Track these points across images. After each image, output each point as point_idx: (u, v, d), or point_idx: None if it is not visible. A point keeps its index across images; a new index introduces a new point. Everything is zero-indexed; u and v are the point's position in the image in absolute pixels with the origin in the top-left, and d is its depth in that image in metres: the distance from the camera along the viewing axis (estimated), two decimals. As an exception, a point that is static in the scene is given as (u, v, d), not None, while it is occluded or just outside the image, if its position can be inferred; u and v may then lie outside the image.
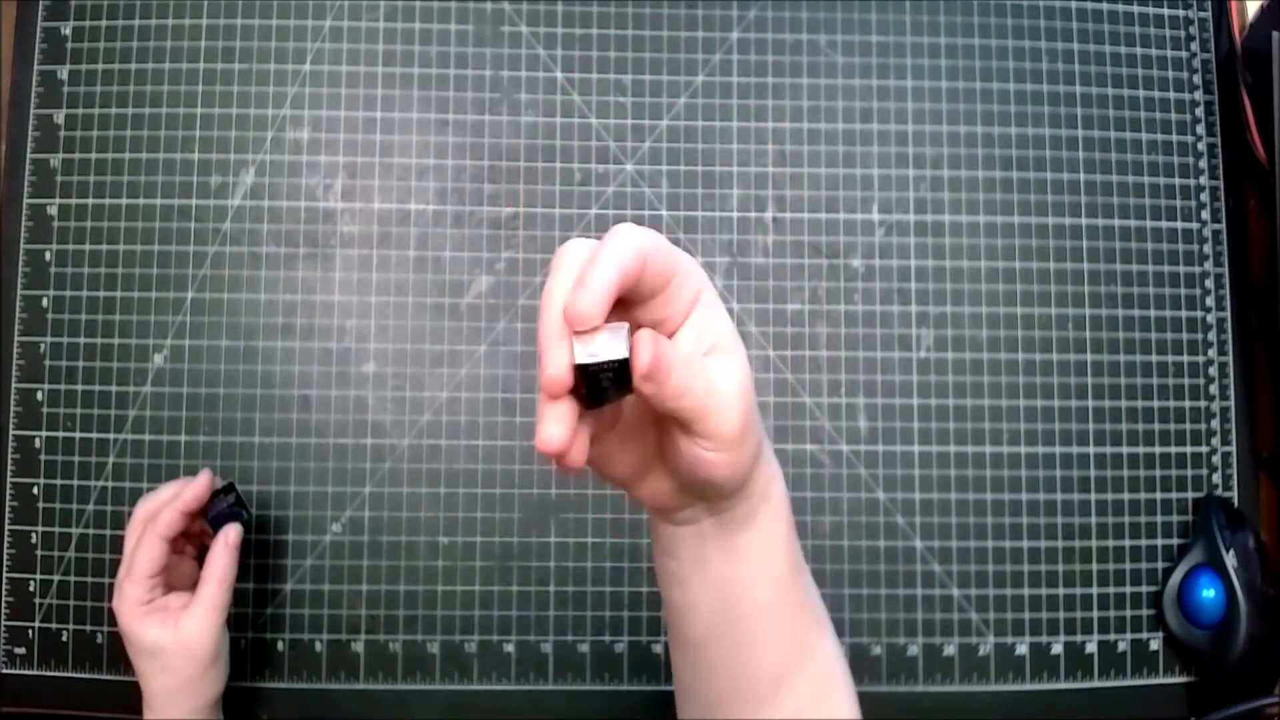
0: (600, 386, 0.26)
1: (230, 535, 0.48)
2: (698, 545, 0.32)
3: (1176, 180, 0.56)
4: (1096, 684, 0.53)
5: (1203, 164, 0.56)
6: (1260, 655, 0.51)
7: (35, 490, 0.53)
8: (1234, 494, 0.55)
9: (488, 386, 0.54)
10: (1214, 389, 0.55)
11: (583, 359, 0.25)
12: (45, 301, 0.54)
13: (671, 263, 0.28)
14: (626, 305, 0.28)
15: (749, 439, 0.29)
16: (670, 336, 0.29)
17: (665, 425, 0.29)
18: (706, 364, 0.28)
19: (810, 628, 0.34)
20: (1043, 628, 0.53)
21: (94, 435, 0.53)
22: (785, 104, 0.56)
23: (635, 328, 0.27)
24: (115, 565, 0.53)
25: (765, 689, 0.33)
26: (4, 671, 0.52)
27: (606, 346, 0.25)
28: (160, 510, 0.47)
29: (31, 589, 0.53)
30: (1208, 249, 0.56)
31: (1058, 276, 0.55)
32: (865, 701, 0.35)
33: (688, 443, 0.28)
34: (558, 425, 0.26)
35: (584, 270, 0.26)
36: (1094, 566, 0.53)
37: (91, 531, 0.53)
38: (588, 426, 0.28)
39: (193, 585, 0.47)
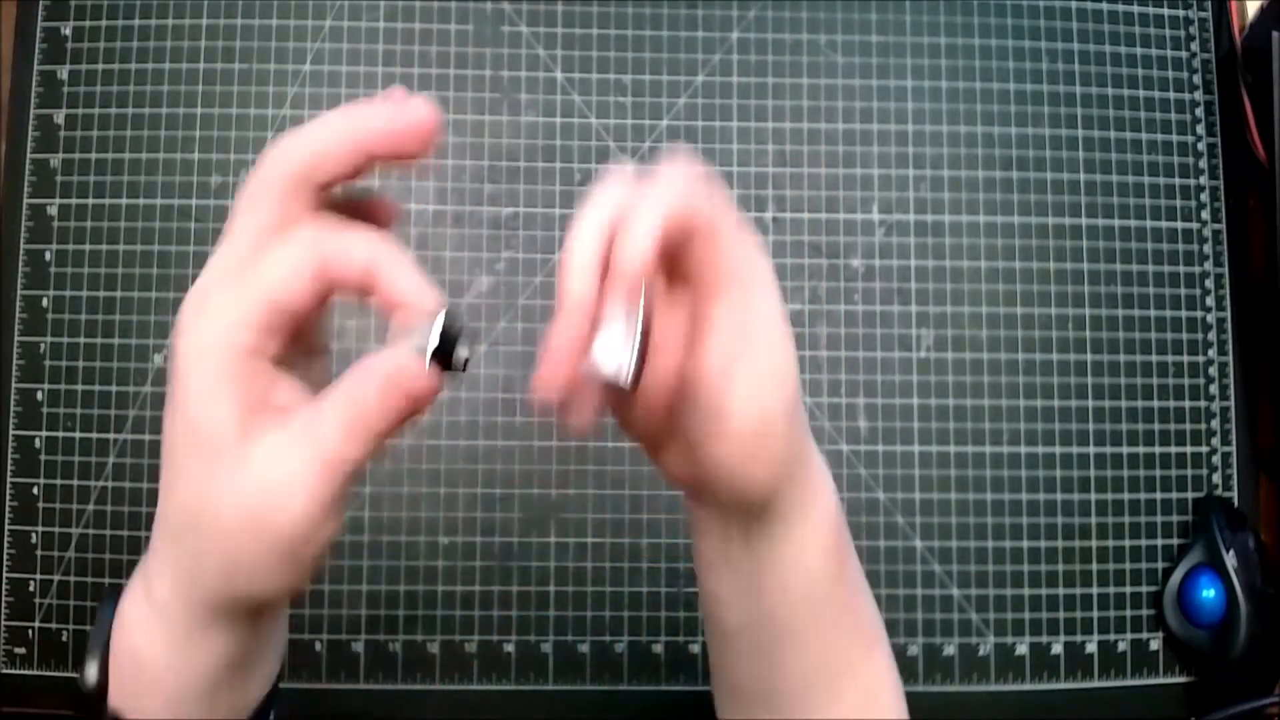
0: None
1: (400, 364, 0.25)
2: (722, 541, 0.30)
3: (1176, 180, 0.56)
4: (1096, 684, 0.53)
5: (1203, 164, 0.56)
6: (1260, 655, 0.51)
7: (35, 490, 0.53)
8: (1234, 494, 0.55)
9: (488, 386, 0.54)
10: (1214, 389, 0.55)
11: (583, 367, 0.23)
12: (45, 301, 0.54)
13: (726, 242, 0.26)
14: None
15: (768, 453, 0.27)
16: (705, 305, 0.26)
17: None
18: (737, 358, 0.26)
19: (855, 645, 0.32)
20: (1043, 628, 0.53)
21: (94, 435, 0.53)
22: (785, 104, 0.56)
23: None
24: (115, 566, 0.53)
25: (801, 695, 0.31)
26: (4, 671, 0.52)
27: (613, 349, 0.24)
28: (339, 237, 0.25)
29: (31, 589, 0.53)
30: (1208, 249, 0.56)
31: (1058, 276, 0.55)
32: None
33: (700, 430, 0.26)
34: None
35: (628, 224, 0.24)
36: (1094, 566, 0.53)
37: (91, 531, 0.52)
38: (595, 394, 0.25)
39: None
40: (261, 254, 0.24)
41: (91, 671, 0.27)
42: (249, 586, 0.25)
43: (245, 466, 0.23)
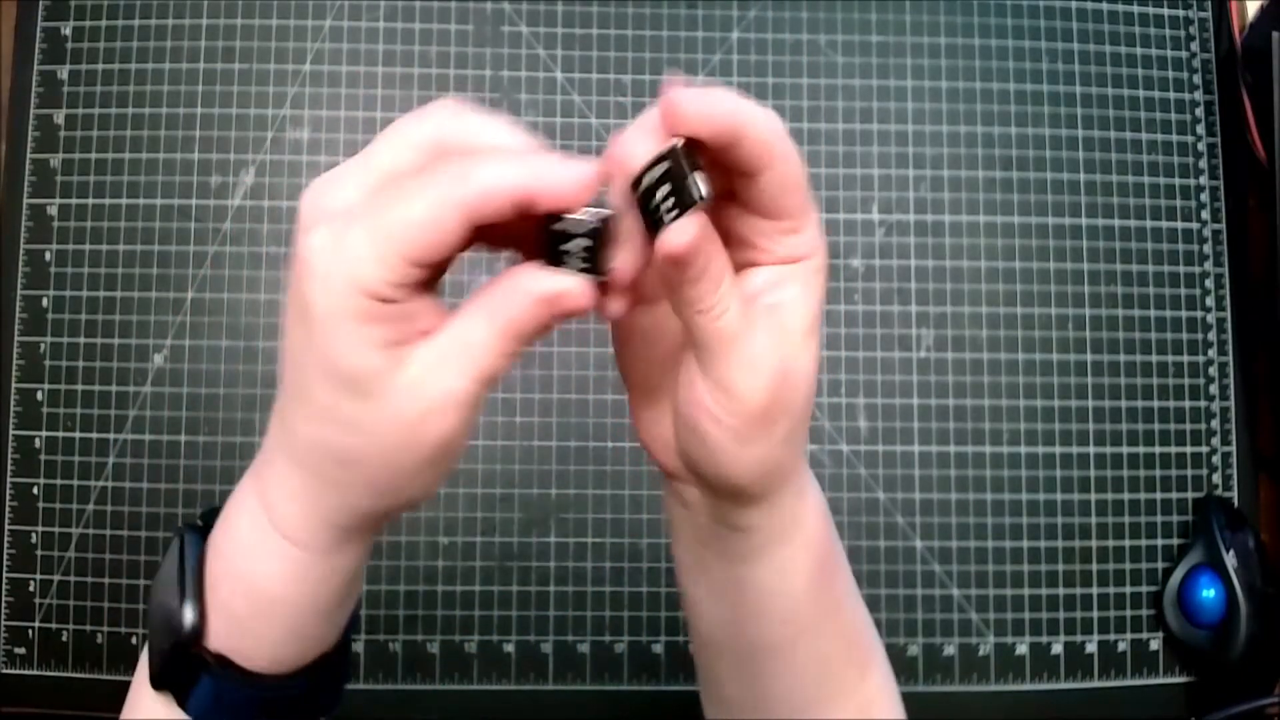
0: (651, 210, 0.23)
1: (558, 288, 0.24)
2: (694, 545, 0.28)
3: (1176, 180, 0.56)
4: (1096, 684, 0.53)
5: (1203, 164, 0.56)
6: (1260, 655, 0.51)
7: (35, 490, 0.53)
8: (1234, 494, 0.55)
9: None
10: (1214, 389, 0.55)
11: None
12: (45, 301, 0.54)
13: (798, 198, 0.24)
14: (726, 208, 0.25)
15: (769, 435, 0.24)
16: (743, 269, 0.25)
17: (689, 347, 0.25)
18: (757, 309, 0.24)
19: (848, 667, 0.30)
20: (1043, 628, 0.53)
21: (94, 435, 0.53)
22: (785, 104, 0.55)
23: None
24: (115, 566, 0.53)
25: (789, 714, 0.30)
26: (4, 671, 0.52)
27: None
28: (488, 165, 0.23)
29: (31, 589, 0.53)
30: (1208, 249, 0.56)
31: (1058, 276, 0.55)
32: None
33: (702, 388, 0.24)
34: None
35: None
36: (1094, 566, 0.53)
37: (91, 531, 0.52)
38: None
39: None
40: (401, 190, 0.23)
41: (189, 614, 0.25)
42: (393, 500, 0.25)
43: (399, 391, 0.23)
